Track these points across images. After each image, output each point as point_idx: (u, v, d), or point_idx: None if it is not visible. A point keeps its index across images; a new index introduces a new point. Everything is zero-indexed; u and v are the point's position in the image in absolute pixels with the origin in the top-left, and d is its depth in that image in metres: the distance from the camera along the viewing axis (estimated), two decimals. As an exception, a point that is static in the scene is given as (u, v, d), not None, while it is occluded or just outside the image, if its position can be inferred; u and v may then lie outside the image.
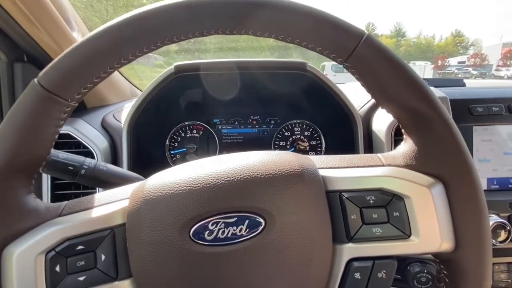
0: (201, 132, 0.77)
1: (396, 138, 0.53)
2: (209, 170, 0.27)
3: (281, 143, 0.76)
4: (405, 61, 0.27)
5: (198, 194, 0.25)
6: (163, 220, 0.25)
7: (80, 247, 0.25)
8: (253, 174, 0.26)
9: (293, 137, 0.76)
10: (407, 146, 0.28)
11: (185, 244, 0.24)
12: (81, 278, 0.25)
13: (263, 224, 0.25)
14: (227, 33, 0.26)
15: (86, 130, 0.56)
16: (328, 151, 0.73)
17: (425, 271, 0.53)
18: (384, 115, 0.57)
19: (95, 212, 0.27)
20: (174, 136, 0.76)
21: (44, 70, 0.25)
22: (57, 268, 0.24)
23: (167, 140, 0.75)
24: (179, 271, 0.24)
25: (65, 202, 0.28)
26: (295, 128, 0.76)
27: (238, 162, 0.27)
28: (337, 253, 0.26)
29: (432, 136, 0.26)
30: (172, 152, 0.76)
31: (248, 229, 0.25)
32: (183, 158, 0.75)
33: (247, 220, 0.25)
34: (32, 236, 0.25)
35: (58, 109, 0.26)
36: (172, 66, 0.56)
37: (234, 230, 0.24)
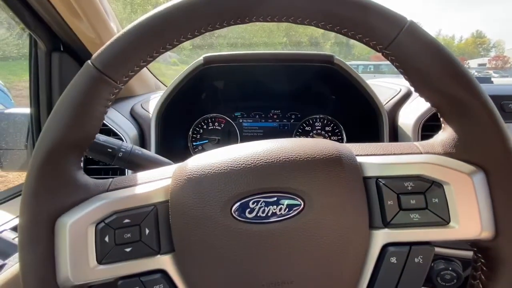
0: (222, 125, 0.79)
1: (424, 133, 0.52)
2: (250, 152, 0.28)
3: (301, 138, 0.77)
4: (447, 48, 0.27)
5: (239, 174, 0.26)
6: (205, 197, 0.26)
7: (126, 220, 0.27)
8: (292, 157, 0.27)
9: (314, 132, 0.76)
10: (446, 134, 0.28)
11: (227, 220, 0.25)
12: (128, 249, 0.26)
13: (301, 205, 0.25)
14: (268, 20, 0.27)
15: (117, 118, 0.59)
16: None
17: (450, 268, 0.52)
18: (411, 110, 0.56)
19: (140, 189, 0.28)
20: (197, 128, 0.78)
21: (97, 53, 0.27)
22: (106, 239, 0.26)
23: (190, 131, 0.77)
24: (220, 246, 0.25)
25: (110, 179, 0.30)
26: (316, 123, 0.76)
27: (277, 145, 0.28)
28: (372, 238, 0.26)
29: (473, 124, 0.26)
30: (194, 143, 0.78)
31: (287, 209, 0.25)
32: (205, 150, 0.77)
33: (286, 200, 0.26)
34: (84, 208, 0.27)
35: (108, 90, 0.27)
36: (201, 58, 0.57)
37: (274, 209, 0.25)
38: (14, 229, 0.51)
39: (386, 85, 0.67)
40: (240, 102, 0.78)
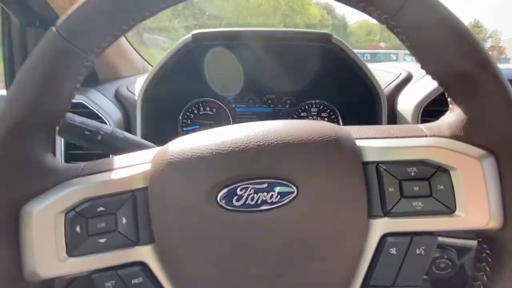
0: (214, 109, 0.75)
1: (424, 119, 0.50)
2: (238, 134, 0.25)
3: (297, 124, 0.74)
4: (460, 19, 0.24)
5: (226, 157, 0.23)
6: (188, 183, 0.23)
7: (100, 208, 0.24)
8: (285, 139, 0.24)
9: (309, 118, 0.74)
10: (454, 115, 0.26)
11: (212, 209, 0.23)
12: (102, 240, 0.24)
13: (295, 192, 0.23)
14: None
15: (100, 101, 0.55)
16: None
17: (445, 256, 0.51)
18: (411, 95, 0.54)
19: (116, 174, 0.25)
20: (187, 113, 0.75)
21: (63, 18, 0.23)
22: (77, 229, 0.23)
23: (180, 116, 0.74)
24: (204, 237, 0.23)
25: (83, 163, 0.27)
26: (311, 109, 0.74)
27: (269, 127, 0.25)
28: (371, 227, 0.24)
29: (485, 104, 0.24)
30: (185, 128, 0.74)
31: (279, 196, 0.23)
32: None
33: (278, 187, 0.23)
34: (51, 195, 0.24)
35: (77, 62, 0.24)
36: (190, 34, 0.53)
37: (264, 197, 0.23)
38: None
39: (385, 68, 0.64)
40: (233, 85, 0.74)
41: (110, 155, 0.53)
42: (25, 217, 0.23)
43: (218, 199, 0.23)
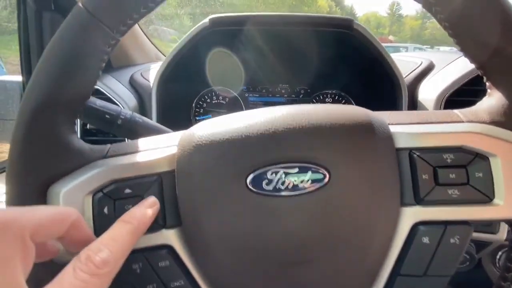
0: (227, 99, 0.75)
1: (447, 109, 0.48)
2: (268, 116, 0.24)
3: (311, 114, 0.73)
4: None
5: (255, 140, 0.23)
6: (216, 166, 0.23)
7: (127, 190, 0.24)
8: (317, 123, 0.23)
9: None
10: (493, 99, 0.25)
11: (241, 192, 0.22)
12: None
13: (327, 177, 0.22)
14: None
15: (116, 87, 0.55)
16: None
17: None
18: (433, 85, 0.52)
19: (142, 157, 0.25)
20: (200, 102, 0.74)
21: None
22: (105, 210, 0.23)
23: (194, 104, 0.73)
24: (232, 221, 0.23)
25: (108, 145, 0.27)
26: (326, 99, 0.72)
27: (299, 110, 0.24)
28: (402, 215, 0.24)
29: None
30: (197, 117, 0.74)
31: (310, 181, 0.22)
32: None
33: (310, 172, 0.22)
34: (79, 176, 0.23)
35: (104, 39, 0.23)
36: (207, 19, 0.52)
37: (295, 182, 0.22)
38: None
39: (405, 58, 0.62)
40: (247, 74, 0.73)
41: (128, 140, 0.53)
42: (52, 197, 0.23)
43: (247, 182, 0.22)
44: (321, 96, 0.72)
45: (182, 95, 0.69)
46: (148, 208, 0.22)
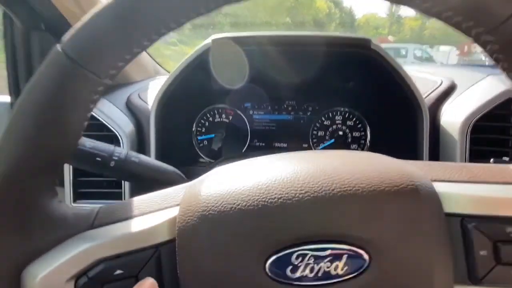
0: (230, 117, 0.70)
1: (474, 136, 0.44)
2: (288, 176, 0.20)
3: (319, 133, 0.69)
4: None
5: (276, 213, 0.18)
6: (228, 245, 0.19)
7: (118, 271, 0.19)
8: (351, 189, 0.19)
9: (333, 127, 0.68)
10: None
11: (259, 281, 0.18)
12: None
13: (367, 261, 0.18)
14: None
15: (111, 111, 0.50)
16: (374, 147, 0.64)
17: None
18: (457, 107, 0.48)
19: (135, 225, 0.21)
20: (202, 121, 0.70)
21: (69, 33, 0.18)
22: None
23: (194, 125, 0.69)
24: None
25: (96, 208, 0.22)
26: (336, 117, 0.68)
27: (325, 168, 0.20)
28: None
29: None
30: (199, 138, 0.70)
31: (346, 268, 0.18)
32: (210, 145, 0.69)
33: (346, 255, 0.18)
34: (59, 255, 0.19)
35: (89, 88, 0.19)
36: (209, 40, 0.48)
37: (327, 268, 0.18)
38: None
39: (422, 75, 0.57)
40: (250, 90, 0.69)
41: (123, 184, 0.48)
42: (28, 282, 0.19)
43: (267, 268, 0.18)
44: (330, 114, 0.68)
45: (183, 116, 0.65)
46: None
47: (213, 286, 0.19)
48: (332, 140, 0.67)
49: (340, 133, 0.67)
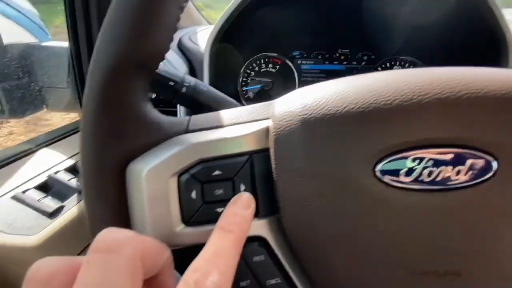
0: (277, 66, 0.67)
1: None
2: (403, 79, 0.18)
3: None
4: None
5: (391, 113, 0.17)
6: (334, 147, 0.18)
7: (217, 172, 0.20)
8: (480, 91, 0.17)
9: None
10: None
11: (367, 183, 0.17)
12: (220, 210, 0.20)
13: (494, 166, 0.16)
14: None
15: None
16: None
17: None
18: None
19: (229, 132, 0.20)
20: (247, 70, 0.68)
21: None
22: (193, 195, 0.19)
23: (241, 74, 0.67)
24: (354, 220, 0.18)
25: (187, 117, 0.22)
26: (394, 68, 0.62)
27: (447, 72, 0.18)
28: None
29: None
30: (244, 88, 0.68)
31: (470, 172, 0.16)
32: (256, 96, 0.67)
33: (470, 159, 0.16)
34: (162, 153, 0.20)
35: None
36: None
37: (448, 172, 0.16)
38: (69, 170, 0.49)
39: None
40: (299, 38, 0.65)
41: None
42: (133, 177, 0.20)
43: (377, 170, 0.17)
44: (388, 64, 0.63)
45: (230, 63, 0.63)
46: (245, 209, 0.18)
47: (314, 189, 0.18)
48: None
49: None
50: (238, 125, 0.21)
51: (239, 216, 0.18)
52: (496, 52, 0.42)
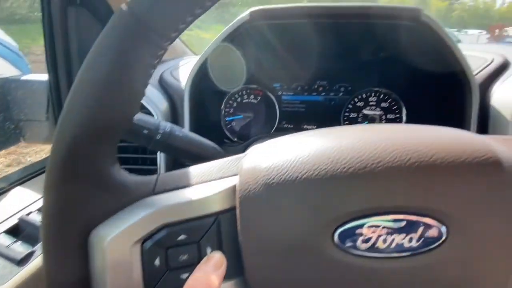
0: (259, 97, 0.69)
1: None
2: (357, 145, 0.19)
3: (352, 115, 0.66)
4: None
5: (347, 182, 0.18)
6: (294, 214, 0.18)
7: (182, 236, 0.20)
8: (429, 160, 0.18)
9: (367, 109, 0.65)
10: None
11: (327, 251, 0.18)
12: (184, 276, 0.19)
13: (444, 233, 0.17)
14: None
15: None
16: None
17: None
18: (511, 86, 0.44)
19: (195, 193, 0.21)
20: (230, 102, 0.69)
21: None
22: (156, 262, 0.19)
23: (223, 105, 0.68)
24: (315, 286, 0.18)
25: (155, 176, 0.22)
26: (369, 98, 0.65)
27: (397, 137, 0.19)
28: None
29: None
30: (227, 118, 0.69)
31: (421, 240, 0.17)
32: (237, 126, 0.69)
33: (422, 227, 0.17)
34: (125, 219, 0.20)
35: (151, 50, 0.19)
36: (247, 13, 0.46)
37: (401, 240, 0.17)
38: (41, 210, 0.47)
39: (471, 53, 0.53)
40: (279, 70, 0.67)
41: (158, 158, 0.49)
42: (96, 244, 0.19)
43: (335, 238, 0.18)
44: (363, 95, 0.65)
45: (212, 96, 0.64)
46: (217, 268, 0.18)
47: (276, 254, 0.18)
48: (366, 122, 0.65)
49: (374, 115, 0.65)
50: (206, 183, 0.21)
51: (210, 280, 0.18)
52: (461, 94, 0.45)
